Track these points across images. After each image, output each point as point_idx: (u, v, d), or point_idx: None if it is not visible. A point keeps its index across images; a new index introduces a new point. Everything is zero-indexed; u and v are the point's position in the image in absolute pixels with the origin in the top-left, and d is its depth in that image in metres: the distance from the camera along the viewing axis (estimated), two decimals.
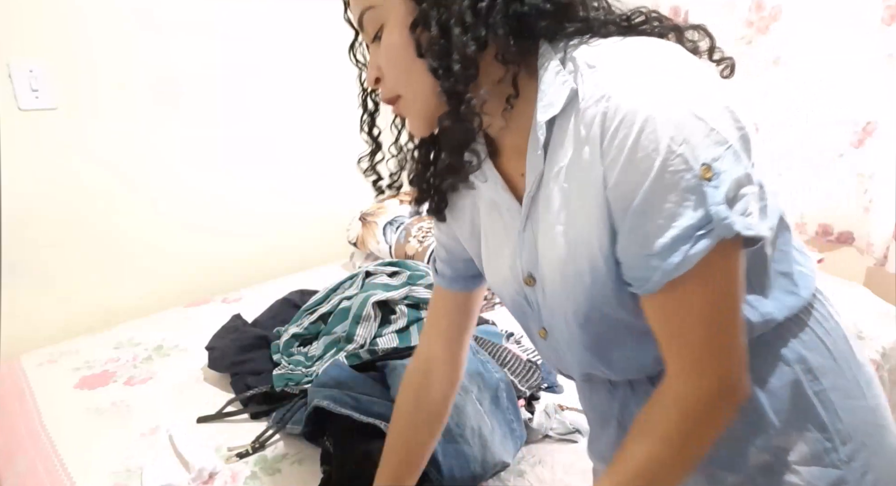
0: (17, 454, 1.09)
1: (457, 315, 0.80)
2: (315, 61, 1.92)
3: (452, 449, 0.95)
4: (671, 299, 0.51)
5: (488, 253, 0.68)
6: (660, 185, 0.47)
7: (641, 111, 0.46)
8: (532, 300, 0.63)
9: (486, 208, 0.66)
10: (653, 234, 0.48)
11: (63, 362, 1.40)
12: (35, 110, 1.43)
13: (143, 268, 1.68)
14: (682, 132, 0.46)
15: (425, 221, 1.80)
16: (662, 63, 0.49)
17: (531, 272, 0.61)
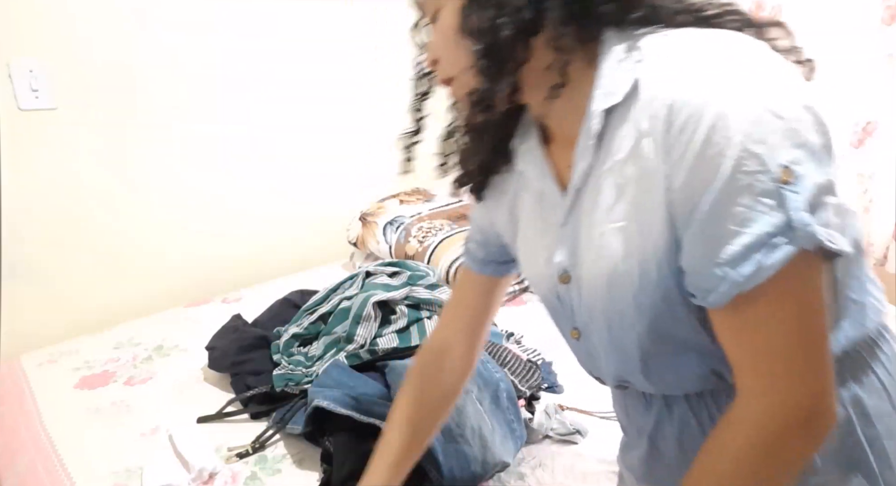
0: (18, 454, 1.09)
1: (480, 302, 0.77)
2: (316, 62, 1.92)
3: (452, 449, 0.95)
4: (743, 314, 0.46)
5: (525, 244, 0.64)
6: (732, 186, 0.42)
7: (713, 105, 0.43)
8: (565, 299, 0.59)
9: (530, 197, 0.62)
10: (722, 240, 0.44)
11: (63, 362, 1.40)
12: (35, 110, 1.43)
13: (143, 268, 1.68)
14: (758, 130, 0.42)
15: (425, 221, 1.80)
16: (739, 56, 0.45)
17: (567, 270, 0.57)
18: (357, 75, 2.04)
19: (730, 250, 0.44)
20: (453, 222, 1.78)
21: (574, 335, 0.61)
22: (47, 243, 1.51)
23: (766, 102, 0.42)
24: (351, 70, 2.02)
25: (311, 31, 1.89)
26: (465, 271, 0.78)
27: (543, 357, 1.34)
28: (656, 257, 0.49)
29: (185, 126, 1.69)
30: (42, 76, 1.42)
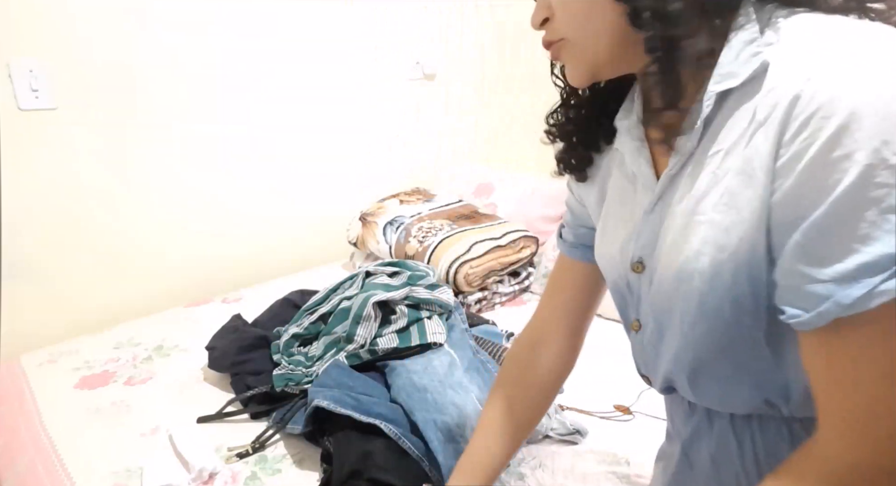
0: (18, 454, 1.09)
1: (576, 289, 0.72)
2: (316, 62, 1.92)
3: (452, 449, 0.95)
4: (840, 341, 0.41)
5: (605, 226, 0.61)
6: (857, 197, 0.37)
7: (848, 102, 0.37)
8: (634, 288, 0.57)
9: (621, 178, 0.59)
10: (833, 256, 0.39)
11: (63, 362, 1.40)
12: (35, 110, 1.43)
13: (143, 268, 1.68)
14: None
15: (425, 221, 1.80)
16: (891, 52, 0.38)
17: (642, 258, 0.54)
18: (357, 75, 2.04)
19: (840, 268, 0.39)
20: (453, 222, 1.78)
21: (634, 327, 0.59)
22: (47, 242, 1.51)
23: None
24: (351, 70, 2.02)
25: (310, 31, 1.89)
26: (560, 258, 0.74)
27: None
28: (735, 259, 0.45)
29: (185, 126, 1.69)
30: (42, 76, 1.42)
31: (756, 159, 0.43)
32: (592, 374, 1.30)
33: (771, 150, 0.41)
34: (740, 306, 0.46)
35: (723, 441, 0.56)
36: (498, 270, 1.68)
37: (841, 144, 0.38)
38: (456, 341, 1.21)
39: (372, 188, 2.14)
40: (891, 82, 0.37)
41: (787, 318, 0.43)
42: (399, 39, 2.12)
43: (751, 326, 0.47)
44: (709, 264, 0.46)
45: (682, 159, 0.49)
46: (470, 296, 1.64)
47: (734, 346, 0.49)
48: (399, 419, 1.01)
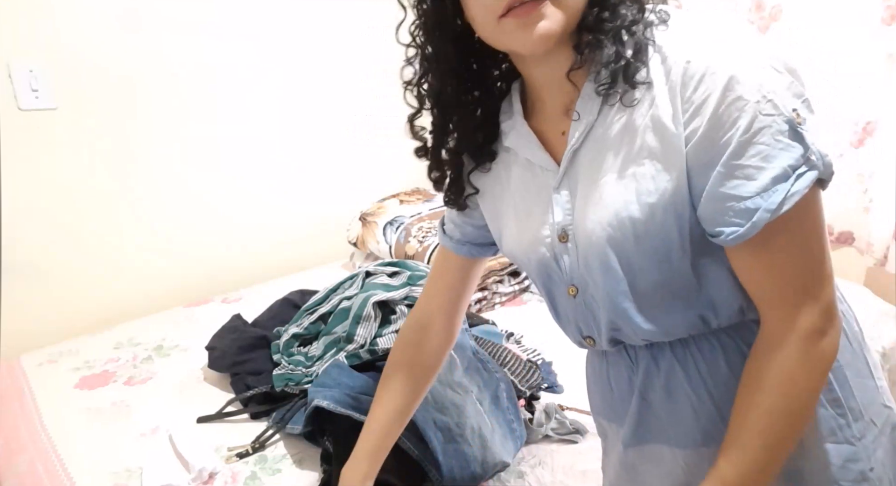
0: (17, 454, 1.09)
1: (457, 278, 0.80)
2: (316, 61, 1.92)
3: (452, 449, 0.95)
4: (771, 243, 0.51)
5: (517, 215, 0.66)
6: (753, 129, 0.48)
7: (727, 62, 0.49)
8: (562, 259, 0.62)
9: (518, 169, 0.65)
10: (750, 177, 0.49)
11: (63, 362, 1.40)
12: (35, 110, 1.43)
13: (142, 268, 1.69)
14: (768, 83, 0.49)
15: (425, 220, 1.80)
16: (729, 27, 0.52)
17: (565, 228, 0.61)
18: (357, 74, 2.04)
19: (759, 184, 0.49)
20: None
21: (571, 293, 0.64)
22: (47, 242, 1.51)
23: (768, 61, 0.50)
24: (351, 69, 2.02)
25: (310, 32, 1.89)
26: (442, 250, 0.81)
27: (543, 357, 1.34)
28: (663, 200, 0.53)
29: (185, 126, 1.69)
30: (42, 76, 1.42)
31: (664, 116, 0.52)
32: None
33: (675, 105, 0.51)
34: (670, 242, 0.55)
35: (670, 372, 0.63)
36: (498, 269, 1.68)
37: (732, 90, 0.49)
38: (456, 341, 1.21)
39: (372, 188, 2.14)
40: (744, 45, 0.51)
41: (724, 237, 0.52)
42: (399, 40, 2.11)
43: (679, 258, 0.56)
44: (638, 210, 0.54)
45: (582, 134, 0.57)
46: None
47: (668, 277, 0.57)
48: None
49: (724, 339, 0.61)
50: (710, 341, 0.61)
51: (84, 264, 1.58)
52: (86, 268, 1.58)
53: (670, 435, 0.65)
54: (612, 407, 0.72)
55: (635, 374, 0.67)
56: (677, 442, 0.65)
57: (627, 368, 0.68)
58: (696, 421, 0.63)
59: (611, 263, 0.58)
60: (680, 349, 0.63)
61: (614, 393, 0.71)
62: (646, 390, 0.66)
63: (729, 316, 0.59)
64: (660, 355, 0.64)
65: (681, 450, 0.65)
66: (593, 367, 0.75)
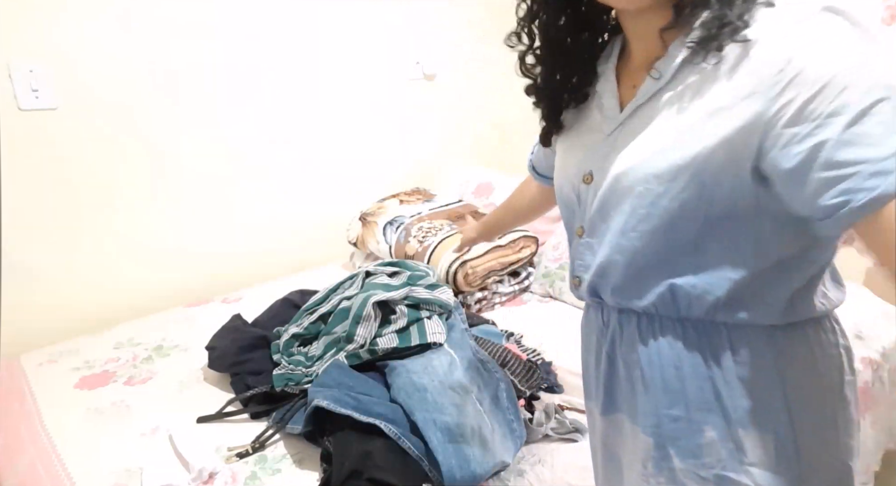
0: (18, 454, 1.09)
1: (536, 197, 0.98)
2: (317, 62, 1.92)
3: (453, 449, 0.95)
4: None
5: (570, 151, 0.70)
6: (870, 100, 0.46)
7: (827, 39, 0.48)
8: (583, 198, 0.66)
9: (593, 111, 0.68)
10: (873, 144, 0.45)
11: (63, 362, 1.40)
12: (36, 110, 1.43)
13: (143, 268, 1.68)
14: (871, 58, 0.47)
15: (425, 221, 1.80)
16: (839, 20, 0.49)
17: (591, 171, 0.64)
18: (357, 76, 2.04)
19: (888, 148, 0.45)
20: (453, 222, 1.78)
21: (579, 232, 0.68)
22: (47, 242, 1.51)
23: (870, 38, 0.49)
24: (351, 71, 2.02)
25: (310, 33, 1.89)
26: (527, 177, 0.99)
27: (543, 357, 1.34)
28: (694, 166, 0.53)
29: (185, 127, 1.69)
30: (42, 76, 1.42)
31: (745, 85, 0.51)
32: None
33: (761, 76, 0.50)
34: (685, 209, 0.55)
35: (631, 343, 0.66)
36: (498, 270, 1.68)
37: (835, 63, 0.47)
38: (456, 341, 1.21)
39: (372, 188, 2.14)
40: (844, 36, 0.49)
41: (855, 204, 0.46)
42: (399, 40, 2.12)
43: (686, 227, 0.56)
44: (667, 168, 0.55)
45: (653, 90, 0.58)
46: (470, 296, 1.64)
47: (667, 243, 0.58)
48: (399, 419, 1.01)
49: (690, 332, 0.61)
50: (675, 327, 0.62)
51: (84, 264, 1.58)
52: (86, 268, 1.58)
53: (631, 409, 0.67)
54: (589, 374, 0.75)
55: (604, 336, 0.70)
56: (634, 419, 0.67)
57: (598, 329, 0.71)
58: (649, 403, 0.64)
59: (620, 209, 0.60)
60: (645, 323, 0.64)
61: (587, 360, 0.75)
62: (613, 354, 0.69)
63: (700, 307, 0.59)
64: (626, 322, 0.66)
65: (639, 428, 0.66)
66: (581, 328, 0.78)
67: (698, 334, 0.61)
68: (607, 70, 0.67)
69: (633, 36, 0.63)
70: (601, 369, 0.71)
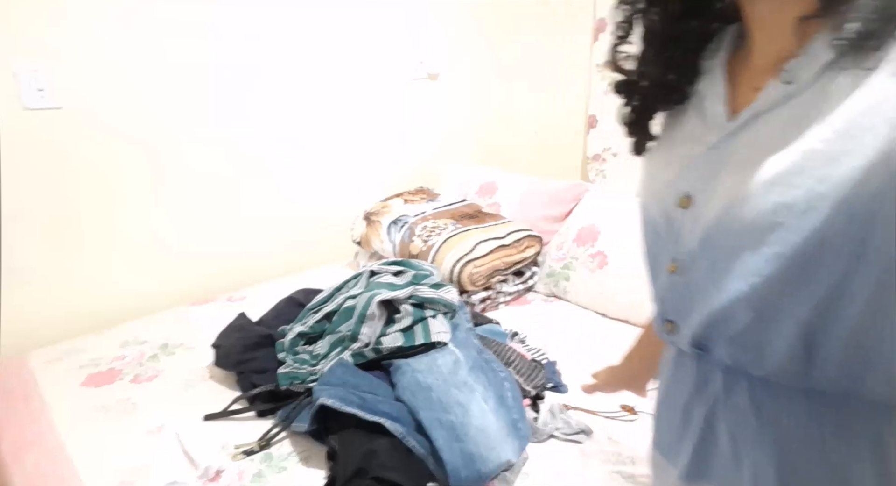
0: (25, 452, 1.10)
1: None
2: (321, 62, 1.93)
3: (458, 448, 0.96)
4: None
5: (659, 162, 0.59)
6: None
7: None
8: (676, 225, 0.54)
9: (692, 115, 0.56)
10: None
11: (69, 360, 1.40)
12: (40, 110, 1.44)
13: (147, 267, 1.69)
14: None
15: (429, 220, 1.80)
16: None
17: (690, 193, 0.52)
18: (361, 75, 2.04)
19: None
20: (457, 222, 1.79)
21: (671, 269, 0.55)
22: (51, 241, 1.52)
23: None
24: (355, 70, 2.02)
25: (314, 32, 1.89)
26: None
27: (548, 357, 1.34)
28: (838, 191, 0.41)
29: (190, 127, 1.69)
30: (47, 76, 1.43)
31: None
32: None
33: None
34: (828, 248, 0.43)
35: (738, 413, 0.53)
36: (502, 269, 1.69)
37: None
38: (460, 340, 1.22)
39: (376, 188, 2.14)
40: None
41: None
42: (403, 39, 2.12)
43: (829, 271, 0.43)
44: (803, 196, 0.42)
45: (782, 96, 0.47)
46: (474, 295, 1.64)
47: (803, 291, 0.45)
48: (404, 418, 1.01)
49: (824, 410, 0.48)
50: (803, 401, 0.48)
51: (89, 263, 1.59)
52: (90, 266, 1.59)
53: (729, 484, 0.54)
54: (671, 427, 0.62)
55: (701, 396, 0.56)
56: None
57: (693, 385, 0.57)
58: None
59: (737, 247, 0.47)
60: (763, 392, 0.51)
61: (671, 415, 0.61)
62: (712, 420, 0.55)
63: (842, 374, 0.46)
64: (735, 387, 0.53)
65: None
66: (664, 373, 0.64)
67: (835, 413, 0.47)
68: (714, 67, 0.55)
69: (757, 26, 0.51)
70: (692, 431, 0.57)
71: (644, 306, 1.51)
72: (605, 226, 1.68)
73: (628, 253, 1.58)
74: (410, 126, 2.24)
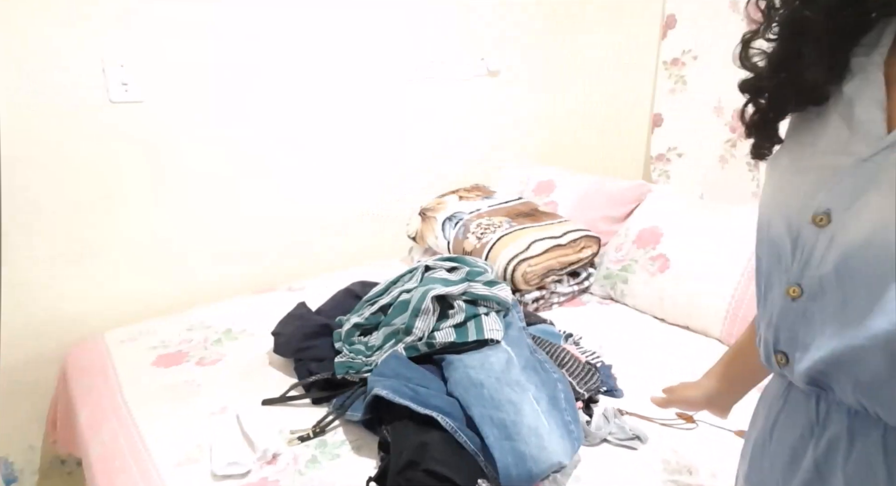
0: (102, 424, 1.17)
1: None
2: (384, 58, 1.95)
3: (509, 446, 0.95)
4: None
5: (790, 170, 0.52)
6: None
7: None
8: (807, 245, 0.48)
9: (835, 121, 0.49)
10: None
11: (142, 341, 1.49)
12: (124, 103, 1.53)
13: (215, 255, 1.77)
14: None
15: (484, 217, 1.80)
16: None
17: (830, 210, 0.46)
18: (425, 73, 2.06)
19: None
20: (512, 220, 1.77)
21: (793, 293, 0.49)
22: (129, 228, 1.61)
23: None
24: (420, 68, 2.04)
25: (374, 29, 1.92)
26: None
27: (602, 360, 1.31)
28: None
29: (265, 119, 1.75)
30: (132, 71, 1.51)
31: None
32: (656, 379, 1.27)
33: None
34: None
35: (865, 462, 0.47)
36: (557, 269, 1.66)
37: None
38: (513, 338, 1.21)
39: (433, 184, 2.16)
40: None
41: None
42: (466, 36, 2.12)
43: None
44: None
45: None
46: (527, 294, 1.62)
47: None
48: (455, 413, 1.02)
49: None
50: None
51: (162, 249, 1.67)
52: (164, 252, 1.68)
53: None
54: (768, 471, 0.56)
55: (813, 437, 0.51)
56: None
57: (806, 423, 0.52)
58: None
59: (885, 277, 0.41)
60: (893, 438, 0.45)
61: (776, 452, 0.55)
62: (827, 467, 0.49)
63: None
64: (861, 431, 0.47)
65: None
66: (764, 406, 0.59)
67: None
68: (870, 66, 0.47)
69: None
70: (797, 477, 0.52)
71: (706, 311, 1.45)
72: (667, 228, 1.62)
73: (691, 257, 1.53)
74: (470, 123, 2.24)
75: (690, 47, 1.91)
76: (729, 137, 1.84)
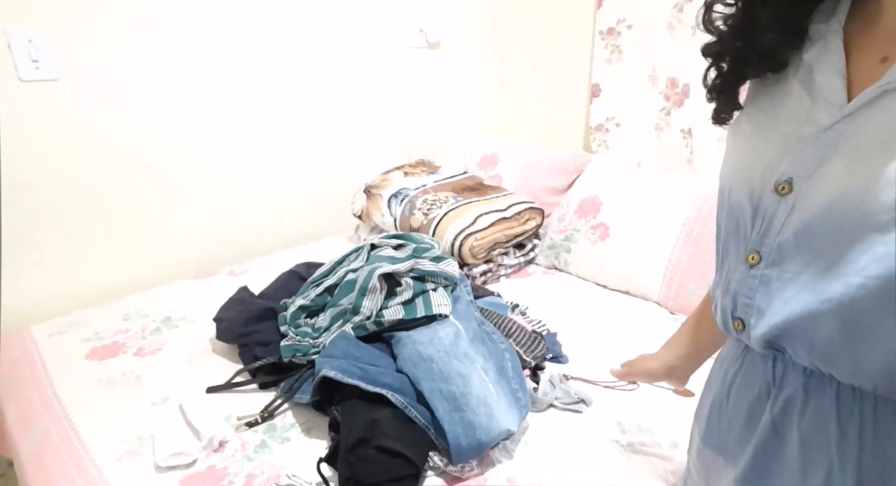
0: (32, 422, 1.11)
1: None
2: (319, 31, 1.89)
3: (459, 418, 0.97)
4: None
5: (752, 139, 0.52)
6: None
7: None
8: (768, 213, 0.48)
9: (796, 88, 0.49)
10: None
11: (73, 333, 1.41)
12: (36, 81, 1.42)
13: (149, 240, 1.69)
14: None
15: (430, 193, 1.79)
16: None
17: (792, 179, 0.46)
18: (360, 45, 2.00)
19: None
20: (458, 195, 1.77)
21: (751, 260, 0.50)
22: (52, 214, 1.51)
23: None
24: (354, 40, 1.98)
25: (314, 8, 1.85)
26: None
27: (548, 328, 1.35)
28: None
29: (189, 99, 1.67)
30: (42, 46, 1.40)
31: None
32: (599, 344, 1.31)
33: None
34: None
35: (819, 420, 0.48)
36: (503, 242, 1.68)
37: None
38: (461, 312, 1.22)
39: (376, 160, 2.12)
40: None
41: None
42: (403, 7, 2.07)
43: None
44: None
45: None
46: (475, 268, 1.64)
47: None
48: (405, 389, 1.02)
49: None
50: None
51: (90, 236, 1.58)
52: (92, 240, 1.59)
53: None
54: (725, 431, 0.57)
55: (770, 395, 0.52)
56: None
57: (762, 384, 0.53)
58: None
59: (842, 242, 0.42)
60: (848, 398, 0.46)
61: (734, 413, 0.56)
62: (783, 427, 0.51)
63: None
64: (816, 389, 0.48)
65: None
66: (720, 369, 0.60)
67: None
68: (829, 33, 0.47)
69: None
70: (755, 436, 0.53)
71: (644, 276, 1.51)
72: (607, 197, 1.66)
73: (630, 224, 1.57)
74: (410, 97, 2.20)
75: (625, 16, 1.93)
76: (663, 105, 1.89)
